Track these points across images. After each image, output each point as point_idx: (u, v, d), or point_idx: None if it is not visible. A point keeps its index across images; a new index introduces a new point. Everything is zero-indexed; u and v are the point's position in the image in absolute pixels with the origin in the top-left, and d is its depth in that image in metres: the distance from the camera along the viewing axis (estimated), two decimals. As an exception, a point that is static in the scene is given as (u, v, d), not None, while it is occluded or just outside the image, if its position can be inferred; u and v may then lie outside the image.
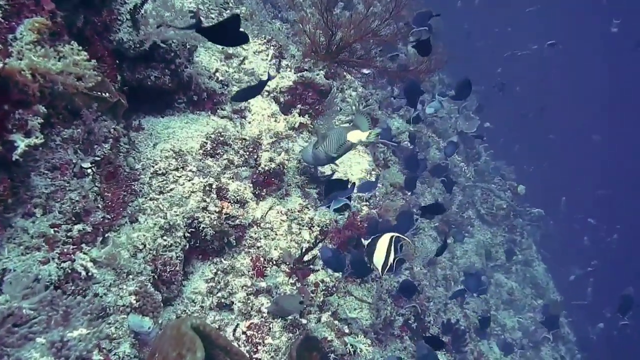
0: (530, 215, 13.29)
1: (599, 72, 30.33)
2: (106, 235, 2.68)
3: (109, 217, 2.73)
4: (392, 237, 3.09)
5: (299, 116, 4.13)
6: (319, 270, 3.72)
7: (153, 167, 3.11)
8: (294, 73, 4.41)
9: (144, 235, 2.84)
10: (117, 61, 3.07)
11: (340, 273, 3.84)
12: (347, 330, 3.79)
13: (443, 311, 8.16)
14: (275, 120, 3.85)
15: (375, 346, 5.43)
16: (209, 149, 3.38)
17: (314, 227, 3.98)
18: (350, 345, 3.93)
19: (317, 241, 3.56)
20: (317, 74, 4.62)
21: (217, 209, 3.18)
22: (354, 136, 3.55)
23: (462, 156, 12.42)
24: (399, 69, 5.67)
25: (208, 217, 3.12)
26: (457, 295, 7.01)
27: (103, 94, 2.75)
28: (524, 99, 20.59)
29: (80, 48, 2.39)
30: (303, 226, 3.94)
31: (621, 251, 21.35)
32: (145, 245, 2.82)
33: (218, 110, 3.67)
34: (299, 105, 4.37)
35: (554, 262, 14.41)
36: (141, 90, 3.30)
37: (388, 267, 3.10)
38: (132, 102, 3.31)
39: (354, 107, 5.03)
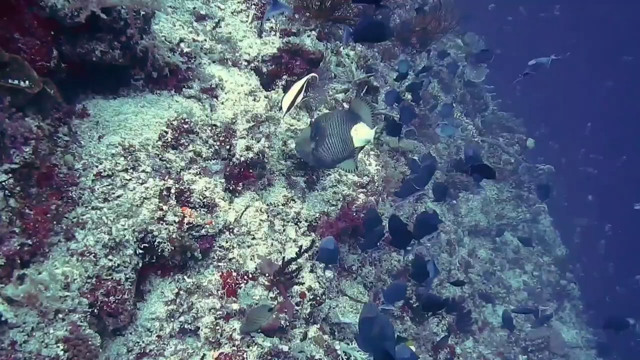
0: (539, 172, 12.70)
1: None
2: (22, 271, 2.11)
3: (31, 243, 2.16)
4: (307, 79, 2.94)
5: (285, 92, 3.48)
6: (304, 282, 3.16)
7: (97, 166, 2.51)
8: (280, 37, 3.72)
9: (78, 261, 2.28)
10: (53, 32, 2.44)
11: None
12: (337, 347, 3.28)
13: (446, 278, 7.72)
14: (255, 100, 3.19)
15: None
16: (169, 139, 2.76)
17: (301, 222, 3.41)
18: (344, 352, 3.43)
19: (303, 250, 2.99)
20: (309, 35, 3.94)
21: (177, 219, 2.58)
22: (361, 133, 2.90)
23: (463, 108, 11.72)
24: (402, 28, 4.94)
25: (165, 229, 2.53)
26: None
27: (22, 83, 2.14)
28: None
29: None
30: (288, 222, 3.37)
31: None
32: (80, 274, 2.26)
33: (183, 89, 3.02)
34: (284, 77, 3.71)
35: (561, 216, 13.97)
36: (86, 67, 2.68)
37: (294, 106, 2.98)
38: (76, 82, 2.71)
39: (351, 74, 4.35)
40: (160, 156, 2.69)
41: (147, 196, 2.53)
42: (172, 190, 2.62)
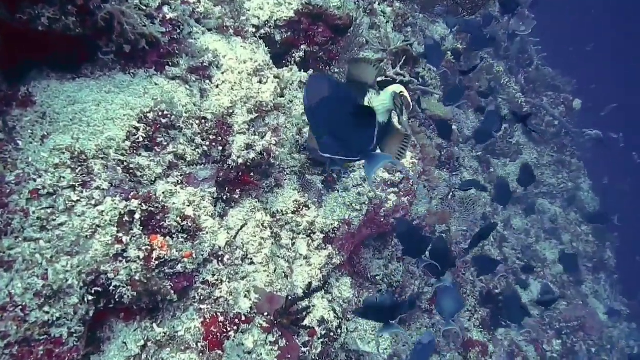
0: (586, 137, 11.80)
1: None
2: None
3: None
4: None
5: (301, 70, 2.74)
6: (312, 311, 2.50)
7: (34, 180, 1.84)
8: (299, -3, 2.95)
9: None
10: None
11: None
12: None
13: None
14: (260, 81, 2.46)
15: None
16: (142, 138, 2.07)
17: (315, 234, 2.73)
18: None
19: (313, 289, 2.32)
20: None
21: (143, 254, 1.92)
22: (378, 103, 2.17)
23: (506, 64, 10.81)
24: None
25: (125, 269, 1.87)
26: None
27: None
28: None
29: None
30: (299, 234, 2.69)
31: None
32: (-5, 343, 1.62)
33: (166, 67, 2.31)
34: (303, 46, 2.95)
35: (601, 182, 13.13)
36: (33, 37, 1.99)
37: None
38: (22, 57, 2.04)
39: (386, 40, 3.56)
40: (126, 163, 2.01)
41: (100, 224, 1.86)
42: (137, 215, 1.94)
